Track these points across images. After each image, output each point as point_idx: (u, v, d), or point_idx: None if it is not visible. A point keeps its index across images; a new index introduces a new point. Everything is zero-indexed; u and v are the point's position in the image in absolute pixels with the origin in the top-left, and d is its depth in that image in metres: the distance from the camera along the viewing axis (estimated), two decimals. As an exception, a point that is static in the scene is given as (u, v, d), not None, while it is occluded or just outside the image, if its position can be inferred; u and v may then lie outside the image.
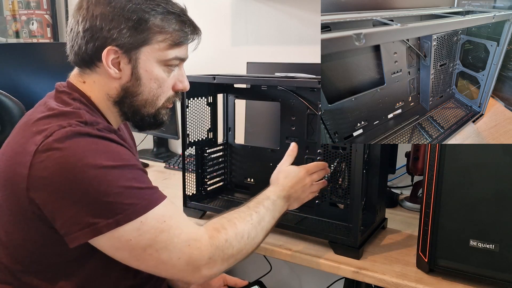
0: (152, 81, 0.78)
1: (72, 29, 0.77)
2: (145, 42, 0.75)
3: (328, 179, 1.06)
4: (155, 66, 0.77)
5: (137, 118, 0.82)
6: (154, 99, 0.80)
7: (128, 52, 0.75)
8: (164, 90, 0.81)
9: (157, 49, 0.76)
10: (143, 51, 0.76)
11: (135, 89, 0.78)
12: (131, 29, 0.74)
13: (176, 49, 0.78)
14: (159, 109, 0.82)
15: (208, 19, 1.75)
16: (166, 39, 0.76)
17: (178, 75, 0.82)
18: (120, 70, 0.76)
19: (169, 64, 0.79)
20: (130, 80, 0.77)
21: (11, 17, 2.13)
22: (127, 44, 0.74)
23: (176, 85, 0.83)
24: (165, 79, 0.80)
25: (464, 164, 0.82)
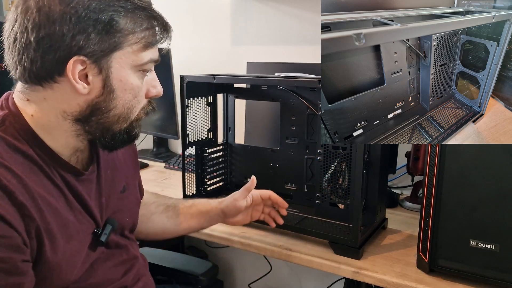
0: (127, 92, 0.66)
1: (16, 39, 0.61)
2: (117, 47, 0.63)
3: (328, 179, 1.06)
4: (129, 73, 0.66)
5: (107, 138, 0.69)
6: (128, 112, 0.68)
7: (98, 61, 0.62)
8: (139, 100, 0.69)
9: (131, 53, 0.65)
10: (115, 57, 0.63)
11: (107, 104, 0.65)
12: (101, 33, 0.61)
13: (150, 51, 0.67)
14: (132, 123, 0.70)
15: (208, 19, 1.75)
16: (139, 40, 0.65)
17: (150, 80, 0.71)
18: (89, 83, 0.63)
19: (144, 69, 0.68)
20: (102, 94, 0.64)
21: (11, 17, 2.12)
22: (97, 52, 0.61)
23: (150, 91, 0.71)
24: (140, 87, 0.68)
25: (464, 164, 0.82)
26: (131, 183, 0.85)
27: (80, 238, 0.70)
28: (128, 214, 0.83)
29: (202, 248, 1.85)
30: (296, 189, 1.18)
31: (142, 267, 0.87)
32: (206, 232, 1.10)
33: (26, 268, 0.60)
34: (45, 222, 0.63)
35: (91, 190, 0.74)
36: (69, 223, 0.68)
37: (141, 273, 0.85)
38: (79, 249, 0.70)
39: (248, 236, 1.06)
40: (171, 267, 1.23)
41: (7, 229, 0.57)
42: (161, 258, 1.25)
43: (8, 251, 0.57)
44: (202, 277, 1.20)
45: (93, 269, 0.73)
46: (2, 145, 0.61)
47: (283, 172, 1.19)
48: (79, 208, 0.70)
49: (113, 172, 0.80)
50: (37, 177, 0.64)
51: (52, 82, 0.63)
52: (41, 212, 0.62)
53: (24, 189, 0.60)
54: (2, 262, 0.57)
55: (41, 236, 0.62)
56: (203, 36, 1.77)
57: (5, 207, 0.57)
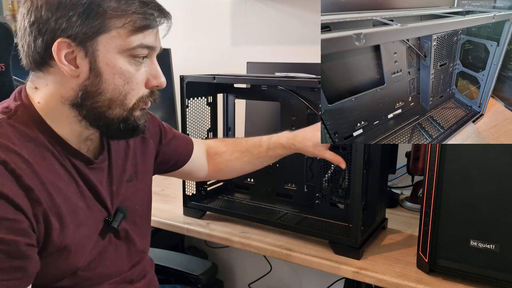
0: (116, 76, 0.66)
1: (19, 27, 0.66)
2: (101, 30, 0.63)
3: (328, 179, 1.06)
4: (117, 58, 0.65)
5: (101, 124, 0.69)
6: (121, 98, 0.67)
7: (83, 44, 0.63)
8: (133, 86, 0.68)
9: (117, 37, 0.64)
10: (101, 40, 0.64)
11: (96, 87, 0.66)
12: (82, 16, 0.62)
13: (139, 35, 0.66)
14: (131, 111, 0.69)
15: (208, 19, 1.75)
16: (126, 24, 0.64)
17: (150, 69, 0.70)
18: (77, 66, 0.64)
19: (134, 54, 0.66)
20: (90, 78, 0.65)
21: (11, 17, 2.13)
22: (80, 34, 0.63)
23: (150, 81, 0.70)
24: (132, 73, 0.67)
25: (464, 164, 0.82)
26: (140, 171, 0.86)
27: (90, 224, 0.71)
28: (138, 202, 0.84)
29: (202, 248, 1.85)
30: (296, 189, 1.18)
31: (149, 265, 0.87)
32: (206, 232, 1.10)
33: (30, 252, 0.60)
34: (54, 206, 0.64)
35: (102, 178, 0.75)
36: (79, 209, 0.69)
37: (147, 270, 0.86)
38: (88, 235, 0.71)
39: (248, 236, 1.06)
40: (171, 267, 1.23)
41: (14, 212, 0.58)
42: (161, 257, 1.25)
43: (12, 233, 0.58)
44: (202, 277, 1.20)
45: (101, 258, 0.74)
46: (14, 133, 0.63)
47: (283, 172, 1.19)
48: (90, 195, 0.72)
49: (123, 161, 0.81)
50: (48, 163, 0.65)
51: (48, 67, 0.66)
52: (50, 196, 0.63)
53: (33, 174, 0.62)
54: (7, 245, 0.57)
55: (49, 220, 0.63)
56: (203, 36, 1.77)
57: (13, 190, 0.59)
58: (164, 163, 0.96)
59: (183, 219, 1.18)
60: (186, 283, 1.21)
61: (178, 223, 1.15)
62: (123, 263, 0.79)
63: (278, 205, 1.17)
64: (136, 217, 0.83)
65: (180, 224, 1.15)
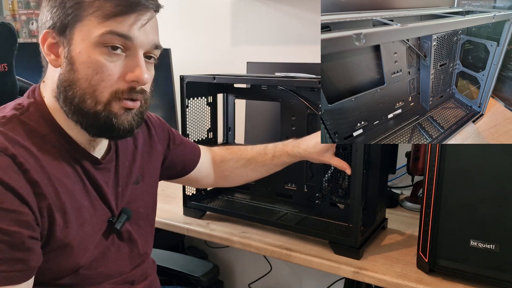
0: (86, 65, 0.64)
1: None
2: (76, 19, 0.64)
3: (328, 179, 1.06)
4: (90, 46, 0.63)
5: (79, 118, 0.66)
6: (92, 89, 0.64)
7: (63, 33, 0.65)
8: (104, 77, 0.64)
9: (89, 25, 0.63)
10: (77, 29, 0.64)
11: (68, 76, 0.65)
12: (61, 6, 0.64)
13: (110, 22, 0.63)
14: (105, 106, 0.65)
15: (208, 19, 1.75)
16: (97, 10, 0.63)
17: (131, 62, 0.66)
18: (58, 56, 0.66)
19: (106, 43, 0.64)
20: (65, 66, 0.65)
21: (11, 17, 2.13)
22: (59, 24, 0.64)
23: (127, 75, 0.66)
24: (103, 63, 0.64)
25: (464, 164, 0.82)
26: (147, 173, 0.86)
27: (93, 223, 0.71)
28: (142, 204, 0.84)
29: (202, 248, 1.85)
30: (296, 189, 1.18)
31: (151, 267, 0.88)
32: (206, 232, 1.10)
33: (32, 245, 0.61)
34: (59, 202, 0.65)
35: (108, 178, 0.76)
36: (84, 208, 0.69)
37: (149, 272, 0.86)
38: (92, 234, 0.71)
39: (248, 236, 1.06)
40: (172, 268, 1.23)
41: (19, 204, 0.59)
42: (161, 258, 1.25)
43: (16, 225, 0.58)
44: (203, 279, 1.20)
45: (103, 258, 0.74)
46: (24, 129, 0.65)
47: (283, 172, 1.18)
48: (95, 195, 0.72)
49: (130, 163, 0.82)
50: (55, 160, 0.66)
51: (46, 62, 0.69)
52: (56, 192, 0.64)
53: (40, 169, 0.63)
54: (9, 236, 0.57)
55: (53, 215, 0.63)
56: (203, 36, 1.77)
57: (19, 183, 0.59)
58: (171, 169, 0.97)
59: (183, 219, 1.18)
60: (187, 285, 1.21)
61: (178, 223, 1.15)
62: (125, 264, 0.79)
63: (278, 205, 1.17)
64: (140, 219, 0.83)
65: (180, 224, 1.15)
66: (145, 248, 0.85)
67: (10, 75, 0.91)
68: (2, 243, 0.57)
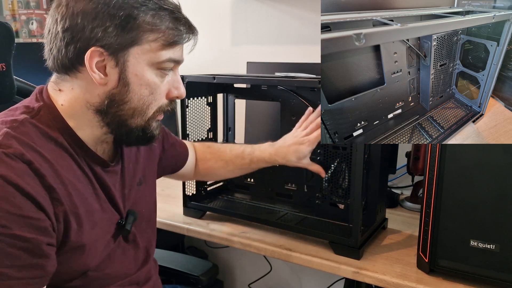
0: (143, 87, 0.68)
1: (50, 30, 0.67)
2: (134, 42, 0.65)
3: (328, 179, 1.06)
4: (146, 69, 0.67)
5: (122, 131, 0.70)
6: (144, 108, 0.69)
7: (115, 54, 0.65)
8: (156, 97, 0.70)
9: (148, 50, 0.67)
10: (132, 52, 0.66)
11: (122, 96, 0.67)
12: (118, 27, 0.64)
13: (170, 50, 0.68)
14: (149, 120, 0.71)
15: (208, 19, 1.75)
16: (159, 38, 0.67)
17: (172, 80, 0.72)
18: (106, 75, 0.66)
19: (162, 67, 0.69)
20: (117, 86, 0.67)
21: (11, 16, 2.13)
22: (114, 45, 0.64)
23: (171, 92, 0.72)
24: (158, 84, 0.69)
25: (464, 164, 0.82)
26: (148, 175, 0.87)
27: (103, 226, 0.72)
28: (145, 206, 0.85)
29: (202, 248, 1.85)
30: (296, 189, 1.18)
31: (153, 269, 0.88)
32: (206, 232, 1.10)
33: (49, 251, 0.61)
34: (73, 206, 0.65)
35: (116, 181, 0.76)
36: (94, 211, 0.70)
37: (152, 272, 0.87)
38: (102, 237, 0.72)
39: (248, 236, 1.06)
40: (171, 267, 1.23)
41: (36, 211, 0.59)
42: (161, 258, 1.25)
43: (35, 232, 0.59)
44: (202, 277, 1.20)
45: (110, 260, 0.74)
46: (36, 133, 0.65)
47: (283, 172, 1.19)
48: (104, 198, 0.73)
49: (134, 165, 0.82)
50: (67, 163, 0.67)
51: (76, 72, 0.67)
52: (70, 196, 0.65)
53: (54, 173, 0.63)
54: (28, 242, 0.58)
55: (68, 220, 0.64)
56: (203, 36, 1.76)
57: (36, 189, 0.60)
58: (164, 168, 0.99)
59: (183, 219, 1.18)
60: (186, 284, 1.21)
61: (178, 223, 1.15)
62: (130, 265, 0.80)
63: (278, 205, 1.17)
64: (143, 221, 0.84)
65: (180, 224, 1.15)
66: (149, 249, 0.85)
67: (8, 75, 0.91)
68: (20, 250, 0.57)
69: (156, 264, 0.91)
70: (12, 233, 0.56)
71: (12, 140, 0.61)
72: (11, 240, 0.56)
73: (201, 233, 1.11)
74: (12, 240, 0.57)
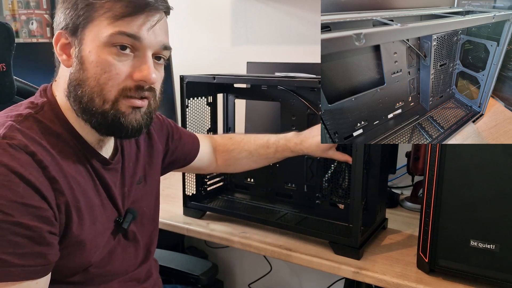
0: (96, 65, 0.65)
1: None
2: (88, 19, 0.65)
3: (328, 179, 1.06)
4: (100, 47, 0.65)
5: (88, 117, 0.67)
6: (100, 88, 0.65)
7: (75, 34, 0.66)
8: (112, 76, 0.65)
9: (99, 25, 0.65)
10: (88, 30, 0.65)
11: (78, 75, 0.66)
12: (74, 7, 0.66)
13: (119, 23, 0.64)
14: (114, 105, 0.66)
15: (208, 19, 1.75)
16: (107, 12, 0.65)
17: (137, 62, 0.67)
18: (70, 56, 0.67)
19: (115, 42, 0.65)
20: (76, 66, 0.66)
21: (11, 16, 2.13)
22: (71, 25, 0.66)
23: (134, 74, 0.66)
24: (111, 62, 0.65)
25: (464, 164, 0.82)
26: (149, 174, 0.87)
27: (104, 222, 0.72)
28: (146, 204, 0.85)
29: (202, 248, 1.85)
30: (296, 189, 1.18)
31: (154, 267, 0.89)
32: (206, 232, 1.10)
33: (52, 240, 0.62)
34: (75, 199, 0.66)
35: (116, 179, 0.77)
36: (95, 206, 0.70)
37: (152, 271, 0.87)
38: (102, 233, 0.72)
39: (248, 236, 1.06)
40: (171, 267, 1.23)
41: (39, 200, 0.60)
42: (161, 258, 1.25)
43: (37, 220, 0.59)
44: (202, 277, 1.20)
45: (111, 257, 0.75)
46: (40, 127, 0.66)
47: (283, 172, 1.19)
48: (104, 195, 0.73)
49: (134, 163, 0.83)
50: (69, 158, 0.67)
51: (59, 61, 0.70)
52: (71, 189, 0.65)
53: (57, 166, 0.64)
54: (31, 230, 0.58)
55: (70, 212, 0.65)
56: (203, 36, 1.77)
57: (39, 179, 0.60)
58: (172, 164, 0.98)
59: (183, 219, 1.18)
60: (186, 283, 1.21)
61: (178, 223, 1.15)
62: (131, 263, 0.80)
63: (278, 205, 1.17)
64: (144, 219, 0.84)
65: (180, 224, 1.15)
66: (149, 246, 0.86)
67: (8, 75, 0.91)
68: (23, 238, 0.58)
69: (156, 263, 0.91)
70: (15, 221, 0.57)
71: (17, 132, 0.62)
72: (14, 228, 0.57)
73: (201, 233, 1.11)
74: (15, 227, 0.57)
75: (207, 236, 1.10)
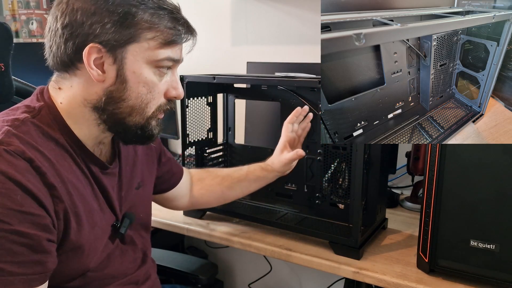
0: (140, 84, 0.67)
1: (50, 28, 0.67)
2: (132, 39, 0.65)
3: (328, 179, 1.06)
4: (144, 67, 0.67)
5: (119, 129, 0.70)
6: (142, 106, 0.69)
7: (113, 51, 0.65)
8: (154, 96, 0.69)
9: (147, 48, 0.67)
10: (130, 49, 0.66)
11: (120, 94, 0.67)
12: (116, 24, 0.64)
13: (168, 49, 0.68)
14: (148, 120, 0.71)
15: (208, 19, 1.75)
16: (157, 36, 0.67)
17: (171, 80, 0.72)
18: (104, 71, 0.66)
19: (160, 65, 0.69)
20: (115, 84, 0.67)
21: (11, 16, 2.13)
22: (112, 41, 0.64)
23: (169, 91, 0.72)
24: (155, 83, 0.69)
25: (464, 164, 0.82)
26: (146, 179, 0.87)
27: (102, 226, 0.72)
28: (142, 209, 0.85)
29: (202, 248, 1.85)
30: (296, 189, 1.18)
31: (151, 268, 0.89)
32: (206, 232, 1.10)
33: (50, 248, 0.61)
34: (73, 205, 0.65)
35: (114, 183, 0.77)
36: (94, 211, 0.70)
37: (150, 272, 0.87)
38: (101, 237, 0.72)
39: (248, 236, 1.06)
40: (171, 267, 1.23)
41: (37, 208, 0.59)
42: (161, 258, 1.25)
43: (35, 228, 0.59)
44: (202, 277, 1.20)
45: (109, 261, 0.75)
46: (37, 132, 0.65)
47: (283, 172, 1.19)
48: (102, 199, 0.73)
49: (131, 168, 0.82)
50: (67, 163, 0.67)
51: (75, 69, 0.67)
52: (70, 195, 0.65)
53: (55, 172, 0.63)
54: (28, 238, 0.58)
55: (68, 218, 0.64)
56: (203, 36, 1.76)
57: (37, 186, 0.60)
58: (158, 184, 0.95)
59: (183, 219, 1.18)
60: (186, 283, 1.21)
61: (178, 223, 1.15)
62: (129, 265, 0.80)
63: (278, 205, 1.17)
64: (139, 224, 0.84)
65: (180, 224, 1.15)
66: (145, 249, 0.86)
67: (6, 75, 0.91)
68: (22, 246, 0.57)
69: (154, 264, 0.91)
70: (13, 229, 0.56)
71: (13, 138, 0.61)
72: (12, 236, 0.56)
73: (201, 233, 1.11)
74: (13, 235, 0.56)
75: (207, 236, 1.10)
